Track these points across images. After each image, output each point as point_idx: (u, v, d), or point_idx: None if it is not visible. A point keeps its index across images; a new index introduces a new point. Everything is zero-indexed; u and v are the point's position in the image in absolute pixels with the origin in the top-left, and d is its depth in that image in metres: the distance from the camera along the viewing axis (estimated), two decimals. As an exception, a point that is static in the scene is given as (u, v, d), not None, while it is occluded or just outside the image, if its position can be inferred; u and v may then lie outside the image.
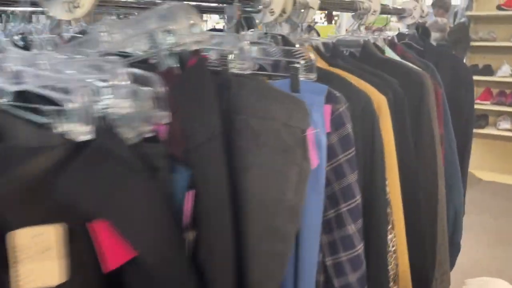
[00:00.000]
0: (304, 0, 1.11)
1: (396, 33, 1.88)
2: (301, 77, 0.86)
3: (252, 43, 1.04)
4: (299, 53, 0.85)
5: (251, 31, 0.96)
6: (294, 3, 1.08)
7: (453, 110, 1.65)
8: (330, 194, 0.94)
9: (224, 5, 0.91)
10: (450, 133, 1.48)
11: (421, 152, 1.21)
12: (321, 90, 0.86)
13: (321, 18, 6.88)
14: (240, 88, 0.65)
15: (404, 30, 1.97)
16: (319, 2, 1.14)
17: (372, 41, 1.44)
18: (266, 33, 1.02)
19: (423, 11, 1.89)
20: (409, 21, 1.85)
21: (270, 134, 0.62)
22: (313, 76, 0.86)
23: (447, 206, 1.51)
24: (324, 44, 1.23)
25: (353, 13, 1.47)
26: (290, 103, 0.65)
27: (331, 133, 0.92)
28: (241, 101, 0.64)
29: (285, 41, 1.02)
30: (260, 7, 0.97)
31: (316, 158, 0.67)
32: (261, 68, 1.03)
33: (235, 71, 0.67)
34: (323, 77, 0.99)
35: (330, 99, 0.91)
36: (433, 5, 4.24)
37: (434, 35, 4.30)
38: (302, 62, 0.85)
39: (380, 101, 1.03)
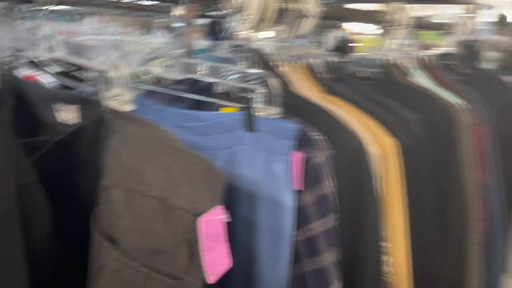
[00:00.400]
0: (296, 7, 0.84)
1: (436, 51, 1.57)
2: (261, 112, 0.60)
3: (221, 59, 0.79)
4: (260, 78, 0.60)
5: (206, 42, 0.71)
6: (282, 10, 0.81)
7: (507, 149, 1.32)
8: (300, 275, 0.67)
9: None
10: (496, 186, 1.16)
11: (447, 217, 0.91)
12: (289, 130, 0.60)
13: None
14: (112, 136, 0.40)
15: (449, 49, 1.65)
16: (319, 10, 0.87)
17: (397, 60, 1.15)
18: (238, 46, 0.77)
19: (471, 27, 1.56)
20: (454, 38, 1.53)
21: (136, 218, 0.37)
22: (274, 111, 0.59)
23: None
24: (328, 63, 0.96)
25: (379, 26, 1.18)
26: (183, 164, 0.39)
27: (304, 191, 0.65)
28: (109, 157, 0.40)
29: (260, 57, 0.76)
30: (227, 11, 0.72)
31: (227, 260, 0.41)
32: (227, 93, 0.79)
33: (114, 104, 0.43)
34: (304, 110, 0.72)
35: (305, 143, 0.65)
36: (496, 22, 3.80)
37: (495, 55, 3.86)
38: (259, 91, 0.59)
39: (386, 147, 0.75)
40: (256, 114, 0.60)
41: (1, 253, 0.30)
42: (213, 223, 0.38)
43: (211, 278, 0.38)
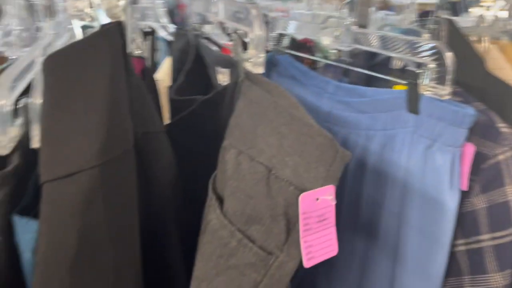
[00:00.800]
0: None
1: None
2: (427, 91, 0.51)
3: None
4: (432, 50, 0.50)
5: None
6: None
7: None
8: (456, 291, 0.56)
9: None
10: None
11: None
12: (462, 116, 0.49)
13: None
14: (240, 98, 0.40)
15: None
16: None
17: None
18: (423, 16, 0.67)
19: None
20: None
21: (241, 181, 0.36)
22: (445, 91, 0.49)
23: None
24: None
25: None
26: (298, 134, 0.36)
27: (473, 192, 0.53)
28: (233, 118, 0.40)
29: (452, 29, 0.64)
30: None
31: (333, 247, 0.36)
32: (403, 70, 0.70)
33: (247, 66, 0.42)
34: (499, 96, 0.59)
35: (486, 135, 0.53)
36: None
37: None
38: (429, 65, 0.50)
39: None
40: (423, 93, 0.51)
41: (113, 191, 0.33)
42: (318, 202, 0.34)
43: (308, 262, 0.34)
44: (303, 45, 1.19)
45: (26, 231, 0.32)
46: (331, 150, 0.35)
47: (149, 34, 0.93)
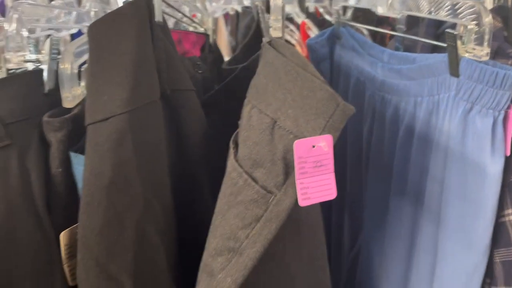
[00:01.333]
0: None
1: None
2: (468, 53, 0.50)
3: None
4: (472, 11, 0.48)
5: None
6: None
7: None
8: (506, 262, 0.54)
9: None
10: None
11: None
12: (502, 78, 0.47)
13: None
14: (261, 60, 0.45)
15: None
16: None
17: None
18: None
19: None
20: None
21: (251, 131, 0.40)
22: (483, 51, 0.48)
23: None
24: None
25: None
26: (301, 89, 0.39)
27: (522, 159, 0.50)
28: (253, 78, 0.45)
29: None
30: None
31: (330, 191, 0.39)
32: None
33: (270, 31, 0.46)
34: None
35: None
36: None
37: None
38: (470, 26, 0.48)
39: None
40: (462, 55, 0.50)
41: (140, 133, 0.40)
42: (314, 149, 0.37)
43: (303, 202, 0.38)
44: (385, 20, 1.17)
45: (78, 164, 0.41)
46: (331, 103, 0.38)
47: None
